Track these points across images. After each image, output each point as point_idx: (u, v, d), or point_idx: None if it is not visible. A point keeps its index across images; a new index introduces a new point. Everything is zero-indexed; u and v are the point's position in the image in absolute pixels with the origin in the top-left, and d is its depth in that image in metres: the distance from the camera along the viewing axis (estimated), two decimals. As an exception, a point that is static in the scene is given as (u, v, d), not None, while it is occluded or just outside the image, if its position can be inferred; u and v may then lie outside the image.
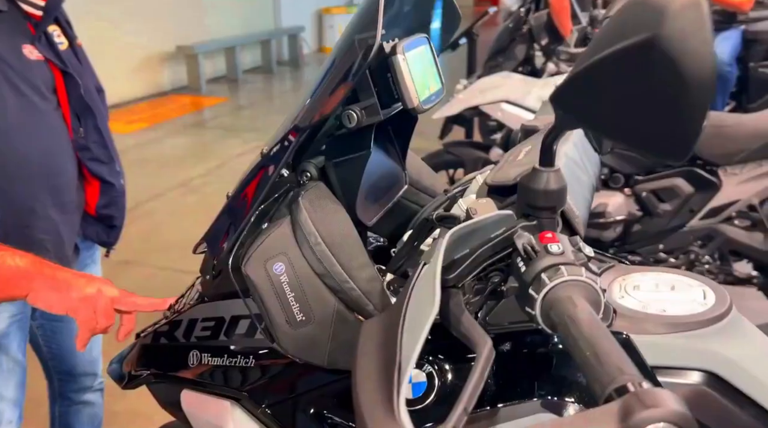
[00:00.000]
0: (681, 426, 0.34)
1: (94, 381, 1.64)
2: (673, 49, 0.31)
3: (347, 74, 0.68)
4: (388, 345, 0.43)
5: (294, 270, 0.67)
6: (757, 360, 0.67)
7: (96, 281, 0.96)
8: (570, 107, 0.40)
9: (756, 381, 0.64)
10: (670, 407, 0.34)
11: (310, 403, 0.72)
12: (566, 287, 0.47)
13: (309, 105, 0.72)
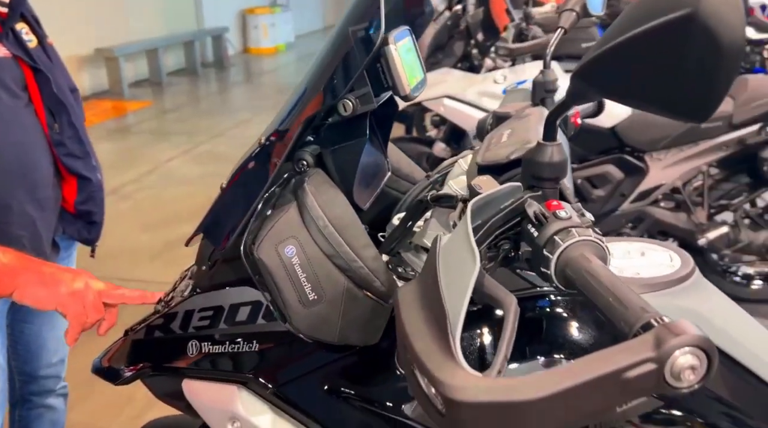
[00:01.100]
0: (705, 348, 0.40)
1: (56, 384, 1.60)
2: (712, 21, 0.36)
3: (347, 63, 0.72)
4: (432, 304, 0.48)
5: (304, 252, 0.70)
6: (719, 312, 0.76)
7: (82, 275, 0.94)
8: (597, 80, 0.46)
9: (721, 331, 0.72)
10: (696, 333, 0.40)
11: (321, 380, 0.75)
12: (578, 246, 0.52)
13: (309, 96, 0.75)
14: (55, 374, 1.61)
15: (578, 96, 0.50)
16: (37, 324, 1.51)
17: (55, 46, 1.32)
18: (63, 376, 1.65)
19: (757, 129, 2.36)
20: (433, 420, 0.44)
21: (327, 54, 0.76)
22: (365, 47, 0.72)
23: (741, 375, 0.72)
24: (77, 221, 1.41)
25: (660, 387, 0.40)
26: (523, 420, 0.40)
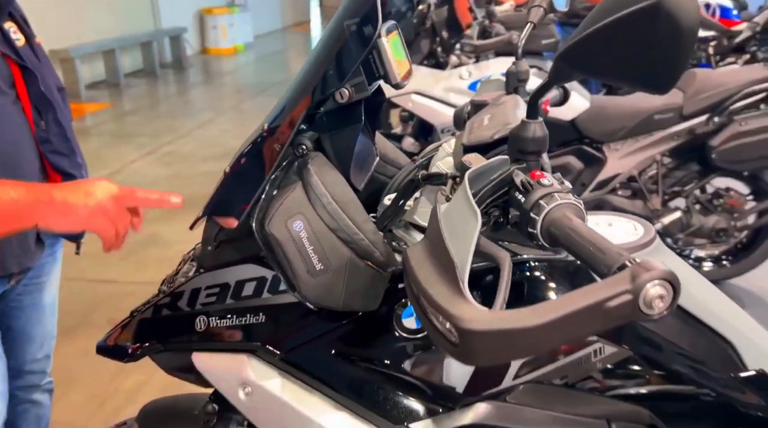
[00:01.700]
0: (671, 281, 0.49)
1: (42, 379, 1.61)
2: (674, 9, 0.45)
3: (343, 55, 0.79)
4: (440, 258, 0.55)
5: (311, 227, 0.76)
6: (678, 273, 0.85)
7: (93, 188, 0.92)
8: (577, 62, 0.54)
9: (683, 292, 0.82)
10: (663, 269, 0.49)
11: (326, 345, 0.82)
12: (560, 208, 0.61)
13: (308, 86, 0.81)
14: (41, 369, 1.63)
15: (561, 76, 0.58)
16: (23, 320, 1.53)
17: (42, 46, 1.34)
18: (49, 371, 1.67)
19: (705, 119, 2.52)
20: (448, 351, 0.51)
21: (324, 47, 0.83)
22: (360, 40, 0.79)
23: (700, 330, 0.81)
24: None
25: (635, 315, 0.49)
26: (524, 343, 0.48)
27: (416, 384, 0.79)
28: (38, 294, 1.54)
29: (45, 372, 1.64)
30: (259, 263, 0.87)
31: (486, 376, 0.78)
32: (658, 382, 0.81)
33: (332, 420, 0.81)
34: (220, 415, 0.92)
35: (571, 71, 0.57)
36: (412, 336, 0.80)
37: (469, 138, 0.83)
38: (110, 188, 0.92)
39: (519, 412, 0.78)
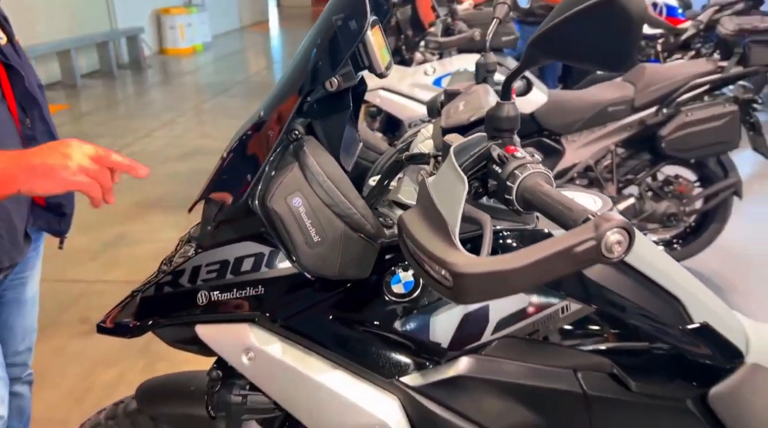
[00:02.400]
0: (627, 228, 0.59)
1: (24, 372, 1.64)
2: (626, 2, 0.55)
3: (331, 47, 0.87)
4: (432, 219, 0.64)
5: (308, 202, 0.84)
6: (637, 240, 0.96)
7: (70, 150, 0.96)
8: (547, 47, 0.64)
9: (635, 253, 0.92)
10: (621, 219, 0.59)
11: (323, 311, 0.90)
12: (532, 176, 0.70)
13: (299, 76, 0.89)
14: (23, 362, 1.66)
15: (532, 61, 0.68)
16: (5, 313, 1.56)
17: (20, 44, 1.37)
18: (30, 364, 1.69)
19: (655, 111, 2.68)
20: (443, 294, 0.60)
21: (313, 40, 0.91)
22: (348, 33, 0.87)
23: (651, 288, 0.92)
24: (47, 213, 1.45)
25: (599, 259, 0.58)
26: (507, 283, 0.57)
27: (405, 341, 0.88)
28: (21, 288, 1.56)
29: (27, 364, 1.66)
30: (256, 240, 0.94)
31: (467, 332, 0.87)
32: (617, 336, 0.92)
33: (330, 377, 0.89)
34: (224, 381, 0.99)
35: (541, 56, 0.67)
36: (401, 299, 0.88)
37: (447, 122, 0.92)
38: (85, 148, 0.97)
39: (496, 364, 0.88)
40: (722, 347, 0.93)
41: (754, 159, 4.21)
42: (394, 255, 0.91)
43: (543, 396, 0.89)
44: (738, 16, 2.82)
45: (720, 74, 2.62)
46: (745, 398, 0.93)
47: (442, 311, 0.88)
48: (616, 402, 0.91)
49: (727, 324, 0.95)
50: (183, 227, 1.06)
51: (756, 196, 3.99)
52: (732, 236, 3.17)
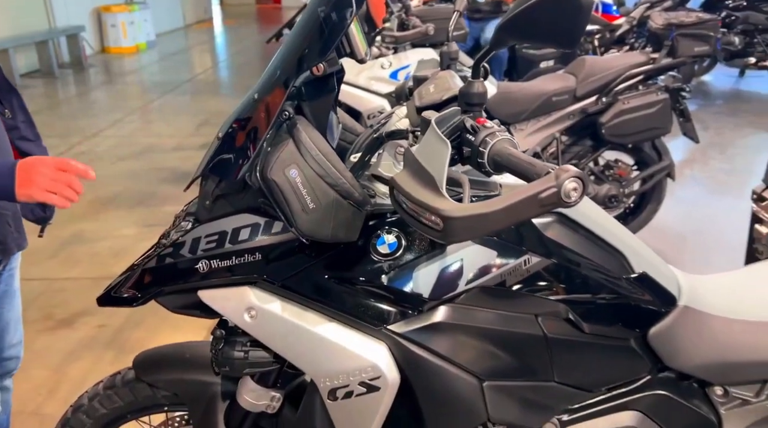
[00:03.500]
0: (581, 178, 0.72)
1: (17, 364, 1.67)
2: None
3: (317, 36, 0.98)
4: (421, 177, 0.76)
5: (303, 173, 0.95)
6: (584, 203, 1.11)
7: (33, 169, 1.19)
8: (512, 31, 0.76)
9: (582, 214, 1.07)
10: (576, 170, 0.72)
11: (318, 271, 1.00)
12: (501, 142, 0.83)
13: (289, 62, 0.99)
14: (16, 354, 1.69)
15: (501, 43, 0.81)
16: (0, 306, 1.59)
17: None
18: (21, 356, 1.73)
19: (595, 100, 2.88)
20: (434, 236, 0.73)
21: (301, 30, 1.01)
22: (331, 23, 0.98)
23: (598, 244, 1.07)
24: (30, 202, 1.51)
25: (560, 203, 0.72)
26: (487, 223, 0.70)
27: (390, 294, 1.00)
28: (11, 281, 1.61)
29: (19, 357, 1.70)
30: (251, 212, 1.04)
31: (444, 284, 0.99)
32: (571, 285, 1.06)
33: (326, 329, 1.00)
34: (227, 339, 1.09)
35: (508, 38, 0.80)
36: (385, 258, 1.00)
37: (422, 101, 1.04)
38: (48, 160, 1.21)
39: (470, 311, 1.01)
40: (659, 293, 1.08)
41: (686, 146, 4.53)
42: (378, 221, 1.02)
43: (510, 339, 1.02)
44: (666, 12, 3.05)
45: (652, 65, 2.84)
46: (677, 335, 1.09)
47: (422, 266, 1.00)
48: (572, 342, 1.05)
49: (663, 274, 1.11)
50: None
51: (688, 179, 4.30)
52: (667, 216, 3.43)
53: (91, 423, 1.28)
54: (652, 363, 1.11)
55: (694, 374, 1.12)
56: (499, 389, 1.03)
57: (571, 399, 1.10)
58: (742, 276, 1.23)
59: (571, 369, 1.07)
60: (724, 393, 1.13)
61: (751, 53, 6.42)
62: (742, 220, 2.12)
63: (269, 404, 1.15)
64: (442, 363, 1.00)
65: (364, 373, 0.98)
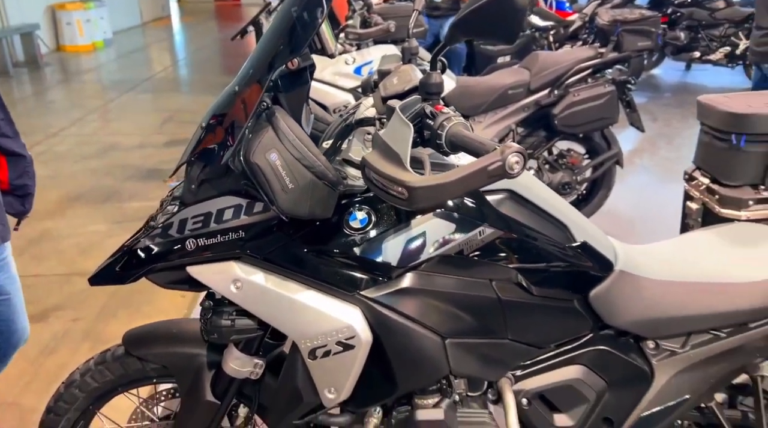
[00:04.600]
0: (522, 152, 0.86)
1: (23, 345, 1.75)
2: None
3: (291, 33, 1.09)
4: (388, 155, 0.88)
5: (282, 157, 1.06)
6: (531, 182, 1.25)
7: None
8: (463, 28, 0.89)
9: (530, 191, 1.21)
10: (518, 146, 0.85)
11: (297, 245, 1.11)
12: (456, 125, 0.96)
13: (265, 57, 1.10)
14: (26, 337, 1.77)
15: (454, 39, 0.94)
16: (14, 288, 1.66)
17: None
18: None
19: (548, 92, 3.06)
20: (400, 205, 0.85)
21: (276, 28, 1.12)
22: (303, 22, 1.10)
23: (543, 216, 1.20)
24: (9, 195, 1.59)
25: (505, 174, 0.85)
26: (445, 191, 0.83)
27: (362, 263, 1.12)
28: (8, 268, 1.67)
29: (26, 339, 1.77)
30: (234, 194, 1.14)
31: (410, 253, 1.12)
32: (521, 253, 1.19)
33: (305, 296, 1.11)
34: (215, 309, 1.19)
35: (460, 35, 0.93)
36: (357, 232, 1.12)
37: (386, 92, 1.16)
38: None
39: (433, 277, 1.14)
40: (598, 259, 1.23)
41: (636, 136, 4.77)
42: (349, 200, 1.14)
43: (468, 301, 1.16)
44: (613, 9, 3.25)
45: (599, 59, 3.03)
46: (615, 297, 1.24)
47: (389, 238, 1.12)
48: (522, 304, 1.19)
49: (601, 243, 1.25)
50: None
51: (638, 168, 4.54)
52: (618, 202, 3.64)
53: (83, 396, 1.36)
54: (593, 322, 1.25)
55: (630, 330, 1.27)
56: (459, 346, 1.16)
57: (524, 355, 1.24)
58: (671, 245, 1.39)
59: (523, 328, 1.21)
60: (655, 346, 1.28)
61: (695, 48, 6.74)
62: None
63: (252, 370, 1.26)
64: (409, 323, 1.13)
65: (340, 334, 1.10)
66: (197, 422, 1.31)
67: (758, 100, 1.78)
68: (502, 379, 1.24)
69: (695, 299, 1.24)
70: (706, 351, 1.26)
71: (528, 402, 1.26)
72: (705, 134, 1.85)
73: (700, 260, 1.31)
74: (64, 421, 1.38)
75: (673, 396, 1.27)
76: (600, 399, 1.27)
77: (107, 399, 1.40)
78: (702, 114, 1.85)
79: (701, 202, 1.82)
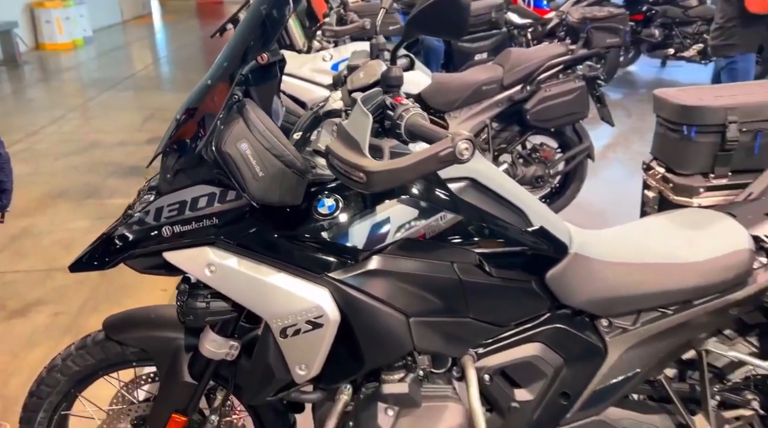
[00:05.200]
0: (471, 140, 0.93)
1: None
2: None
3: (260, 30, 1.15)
4: (349, 143, 0.95)
5: (253, 147, 1.12)
6: (491, 171, 1.32)
7: None
8: (418, 24, 0.96)
9: (490, 179, 1.28)
10: (467, 134, 0.92)
11: (268, 231, 1.18)
12: (414, 115, 1.03)
13: (237, 52, 1.16)
14: None
15: (410, 35, 1.01)
16: None
17: None
18: None
19: (520, 88, 3.14)
20: (359, 188, 0.92)
21: (246, 25, 1.19)
22: (273, 19, 1.16)
23: (502, 203, 1.27)
24: None
25: (455, 160, 0.92)
26: (400, 175, 0.90)
27: (330, 247, 1.19)
28: None
29: None
30: (208, 183, 1.20)
31: (375, 237, 1.19)
32: (482, 237, 1.27)
33: (276, 278, 1.18)
34: (190, 292, 1.25)
35: (415, 31, 1.00)
36: (325, 218, 1.19)
37: (352, 85, 1.23)
38: None
39: (397, 260, 1.21)
40: (553, 243, 1.30)
41: (611, 131, 4.88)
42: (318, 188, 1.21)
43: (431, 282, 1.23)
44: (583, 6, 3.34)
45: (570, 56, 3.12)
46: (570, 278, 1.32)
47: (356, 224, 1.19)
48: (483, 285, 1.26)
49: (556, 227, 1.33)
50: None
51: (612, 162, 4.64)
52: (592, 195, 3.74)
53: (65, 380, 1.42)
54: (550, 302, 1.33)
55: (585, 309, 1.35)
56: (422, 324, 1.23)
57: (485, 333, 1.31)
58: (624, 229, 1.48)
59: (484, 308, 1.28)
60: (608, 324, 1.37)
61: (670, 45, 6.89)
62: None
63: (228, 352, 1.33)
64: (375, 303, 1.20)
65: (310, 313, 1.17)
66: (176, 401, 1.37)
67: (709, 94, 1.87)
68: (464, 356, 1.31)
69: (644, 279, 1.33)
70: (655, 327, 1.35)
71: (490, 378, 1.33)
72: (660, 125, 1.94)
73: (650, 243, 1.40)
74: (46, 404, 1.43)
75: (625, 370, 1.36)
76: (557, 374, 1.35)
77: (88, 382, 1.46)
78: (657, 107, 1.94)
79: (657, 190, 1.91)
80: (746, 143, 1.78)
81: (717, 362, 1.42)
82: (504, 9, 4.74)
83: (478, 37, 4.75)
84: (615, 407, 1.39)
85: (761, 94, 1.85)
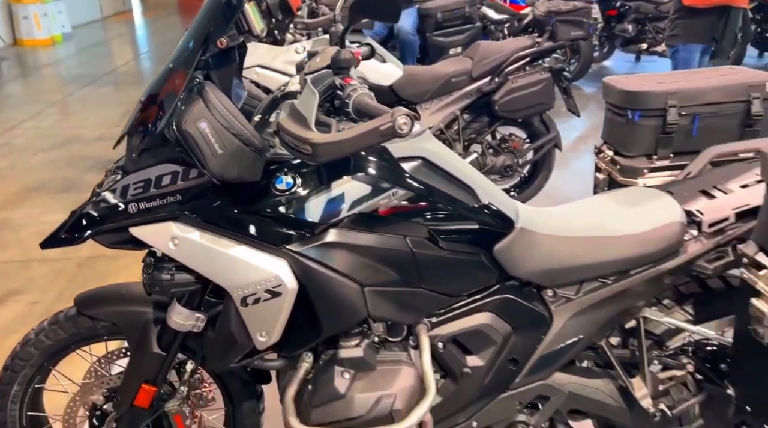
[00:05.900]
0: (410, 115, 1.01)
1: None
2: None
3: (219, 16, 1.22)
4: (298, 118, 1.03)
5: (212, 126, 1.19)
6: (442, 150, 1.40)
7: None
8: (357, 10, 1.04)
9: (441, 158, 1.36)
10: (407, 110, 1.00)
11: (229, 205, 1.25)
12: (362, 95, 1.11)
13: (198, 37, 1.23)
14: None
15: (354, 20, 1.09)
16: None
17: None
18: None
19: (489, 80, 3.23)
20: (307, 160, 1.00)
21: (206, 11, 1.26)
22: (230, 6, 1.23)
23: (453, 181, 1.35)
24: None
25: (395, 134, 1.00)
26: (343, 147, 0.98)
27: (288, 221, 1.26)
28: None
29: None
30: (171, 162, 1.27)
31: (330, 211, 1.26)
32: (432, 211, 1.35)
33: (237, 250, 1.25)
34: (156, 265, 1.32)
35: (357, 16, 1.08)
36: (283, 193, 1.26)
37: (309, 69, 1.31)
38: None
39: (352, 233, 1.28)
40: (501, 218, 1.39)
41: (582, 124, 5.00)
42: (276, 166, 1.28)
43: (384, 254, 1.31)
44: (549, 1, 3.42)
45: (536, 48, 3.22)
46: (516, 251, 1.40)
47: (312, 199, 1.27)
48: (434, 257, 1.34)
49: (503, 204, 1.41)
50: (67, 210, 1.33)
51: (582, 153, 4.76)
52: (563, 184, 3.85)
53: (38, 353, 1.48)
54: (499, 274, 1.42)
55: (531, 280, 1.44)
56: (376, 293, 1.31)
57: (438, 302, 1.40)
58: (570, 207, 1.57)
59: (435, 279, 1.36)
60: (554, 294, 1.46)
61: (643, 40, 7.02)
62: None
63: (195, 324, 1.40)
64: (330, 273, 1.27)
65: (269, 282, 1.25)
66: (146, 372, 1.44)
67: (652, 80, 1.98)
68: (419, 325, 1.39)
69: (585, 251, 1.42)
70: (596, 296, 1.44)
71: (443, 346, 1.42)
72: (608, 110, 2.03)
73: (592, 219, 1.49)
74: (20, 377, 1.49)
75: (569, 337, 1.45)
76: (506, 341, 1.44)
77: (61, 356, 1.52)
78: (606, 93, 2.04)
79: (607, 172, 2.01)
80: (685, 126, 1.88)
81: (656, 329, 1.52)
82: (477, 4, 4.83)
83: (452, 31, 4.84)
84: (561, 372, 1.48)
85: (700, 81, 1.96)
